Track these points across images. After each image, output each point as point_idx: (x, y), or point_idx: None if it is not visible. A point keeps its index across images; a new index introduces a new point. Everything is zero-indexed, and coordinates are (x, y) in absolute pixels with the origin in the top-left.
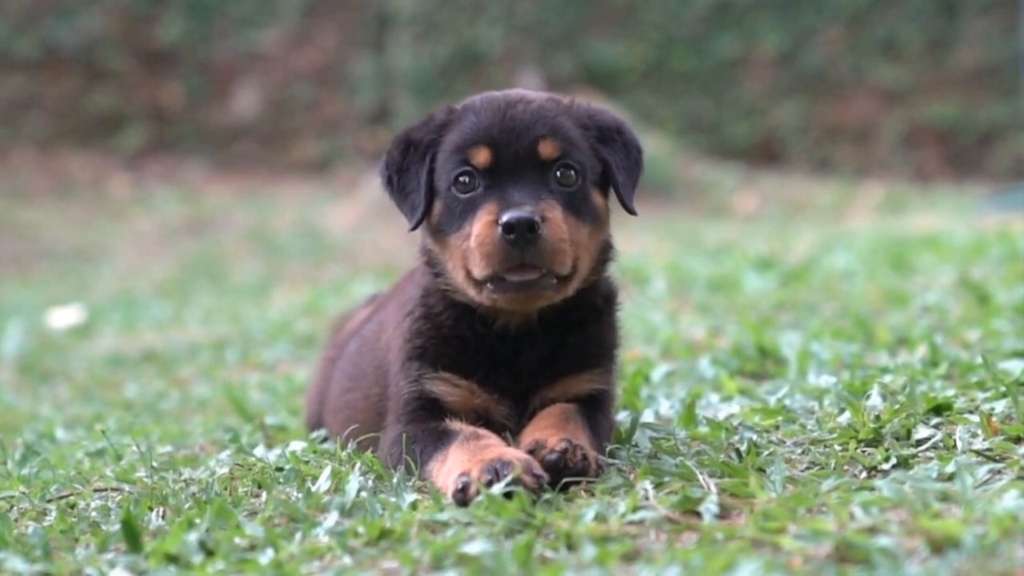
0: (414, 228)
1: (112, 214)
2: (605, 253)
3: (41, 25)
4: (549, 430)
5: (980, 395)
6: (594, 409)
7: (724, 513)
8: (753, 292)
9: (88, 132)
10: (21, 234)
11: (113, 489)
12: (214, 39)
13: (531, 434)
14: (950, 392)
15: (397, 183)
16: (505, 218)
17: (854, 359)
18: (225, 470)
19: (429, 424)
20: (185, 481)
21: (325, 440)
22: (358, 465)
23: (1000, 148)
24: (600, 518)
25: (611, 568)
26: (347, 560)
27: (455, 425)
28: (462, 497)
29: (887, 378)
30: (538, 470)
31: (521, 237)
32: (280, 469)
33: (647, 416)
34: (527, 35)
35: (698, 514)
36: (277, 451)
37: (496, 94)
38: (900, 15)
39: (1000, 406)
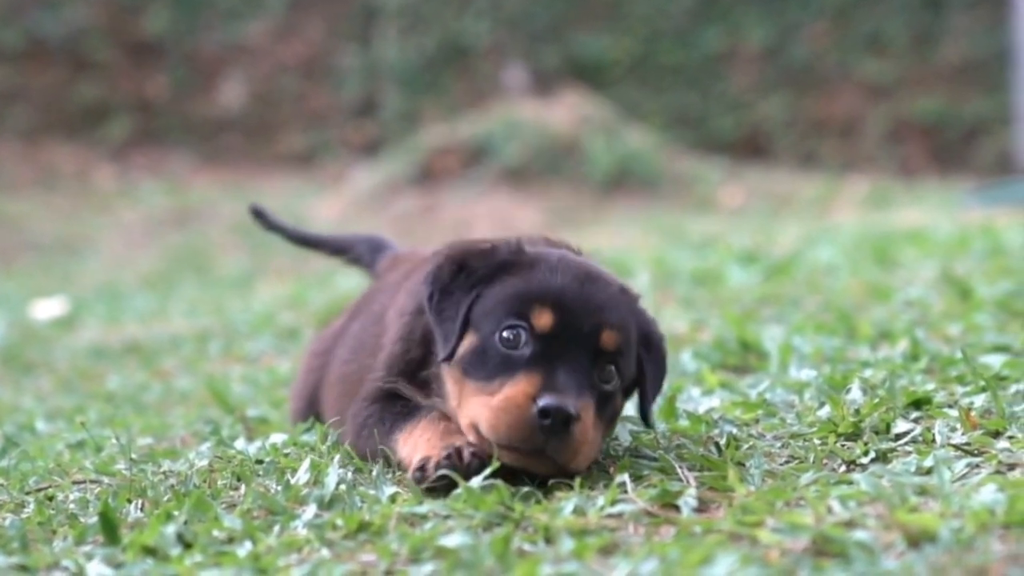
0: (445, 359)
1: (97, 206)
2: None
3: (26, 16)
4: None
5: (960, 389)
6: None
7: (702, 507)
8: (737, 286)
9: (73, 124)
10: (5, 226)
11: (92, 481)
12: (200, 31)
13: None
14: (930, 386)
15: (437, 303)
16: (545, 402)
17: (835, 353)
18: (205, 462)
19: (397, 403)
20: (164, 473)
21: (310, 429)
22: (337, 458)
23: (985, 143)
24: (579, 511)
25: (588, 561)
26: (325, 553)
27: (422, 405)
28: (420, 476)
29: (868, 372)
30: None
31: (553, 427)
32: (260, 462)
33: (628, 409)
34: (514, 28)
35: (676, 507)
36: (257, 444)
37: (573, 259)
38: (886, 10)
39: (979, 400)
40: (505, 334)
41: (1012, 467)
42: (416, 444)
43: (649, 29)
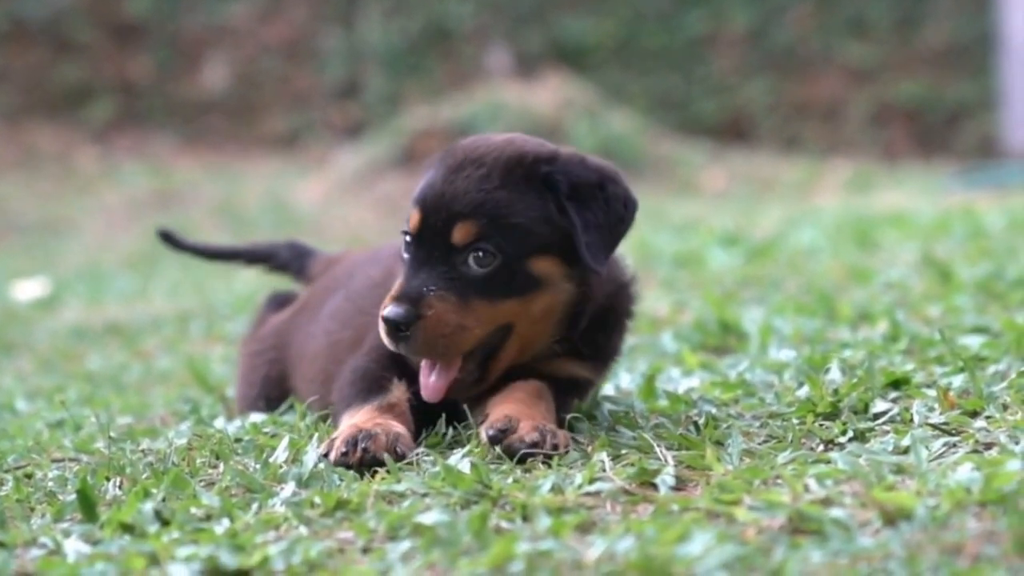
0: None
1: (79, 187)
2: (573, 308)
3: None
4: (520, 408)
5: (938, 370)
6: (567, 394)
7: (680, 485)
8: (718, 268)
9: (56, 105)
10: None
11: (71, 459)
12: (183, 12)
13: (501, 407)
14: (909, 367)
15: None
16: (383, 313)
17: (815, 334)
18: (184, 441)
19: (383, 372)
20: (143, 451)
21: (289, 409)
22: (315, 436)
23: (968, 127)
24: (556, 489)
25: (565, 538)
26: (302, 530)
27: (393, 388)
28: (323, 455)
29: (847, 353)
30: (402, 448)
31: (391, 335)
32: (239, 440)
33: (607, 389)
34: (497, 11)
35: (654, 486)
36: (237, 423)
37: (471, 146)
38: None
39: (958, 381)
40: (405, 239)
41: (989, 446)
42: (349, 423)
43: (632, 12)
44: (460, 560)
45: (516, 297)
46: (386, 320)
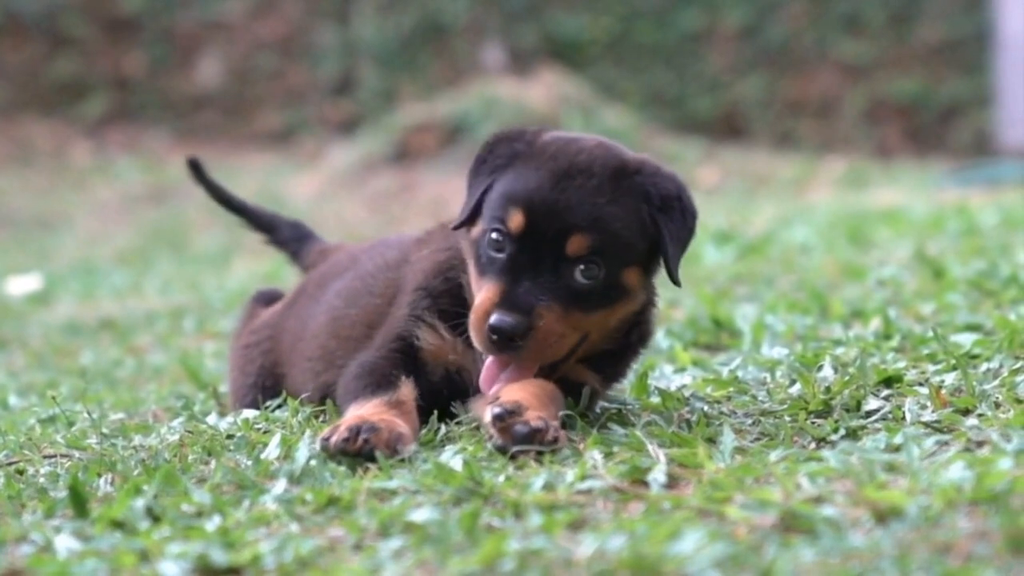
0: (454, 228)
1: (73, 183)
2: (637, 316)
3: None
4: (532, 401)
5: (931, 367)
6: (568, 395)
7: (672, 483)
8: (711, 265)
9: (50, 100)
10: None
11: (63, 455)
12: (177, 8)
13: (514, 394)
14: (901, 364)
15: (471, 176)
16: (492, 320)
17: (808, 331)
18: (176, 437)
19: (392, 370)
20: (135, 448)
21: (282, 405)
22: (307, 432)
23: (962, 124)
24: (548, 487)
25: (557, 536)
26: (294, 527)
27: (402, 386)
28: (324, 444)
29: (839, 350)
30: (401, 447)
31: (500, 345)
32: (231, 436)
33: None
34: (491, 7)
35: (646, 484)
36: (229, 419)
37: (571, 150)
38: None
39: (950, 379)
40: (492, 235)
41: (981, 444)
42: (355, 413)
43: (627, 8)
44: (451, 558)
45: (606, 307)
46: (497, 329)
